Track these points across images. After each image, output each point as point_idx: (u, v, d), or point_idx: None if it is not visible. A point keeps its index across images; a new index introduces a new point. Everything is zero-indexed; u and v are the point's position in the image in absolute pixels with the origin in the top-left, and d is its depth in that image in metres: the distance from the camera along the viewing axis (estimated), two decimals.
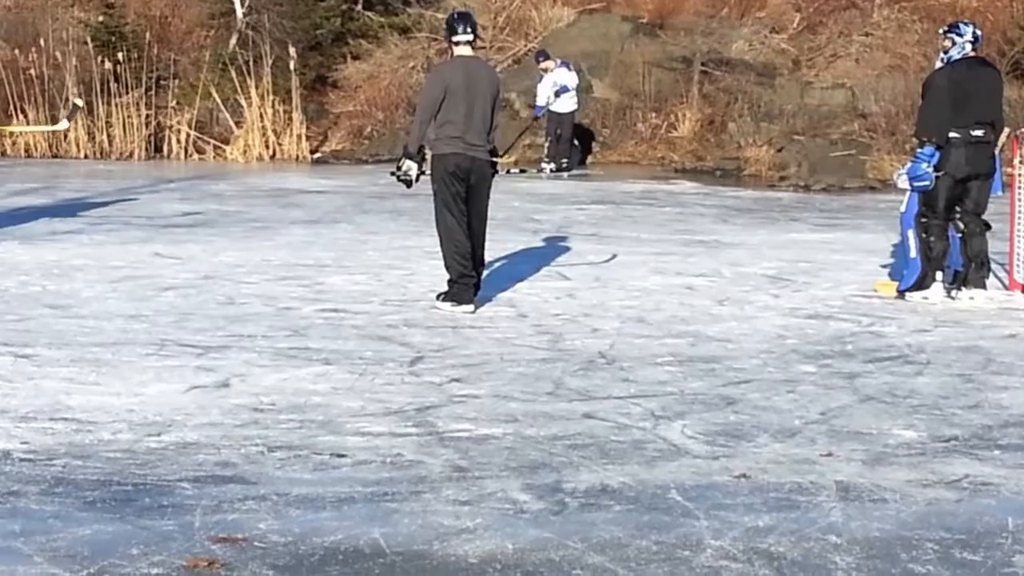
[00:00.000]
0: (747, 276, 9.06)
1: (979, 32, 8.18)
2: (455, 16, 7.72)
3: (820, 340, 6.90)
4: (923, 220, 7.97)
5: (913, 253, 8.03)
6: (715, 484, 4.38)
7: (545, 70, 17.00)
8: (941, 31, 8.32)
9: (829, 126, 18.00)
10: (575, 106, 17.07)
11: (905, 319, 7.52)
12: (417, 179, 7.64)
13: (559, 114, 16.85)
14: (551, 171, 16.67)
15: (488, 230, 7.82)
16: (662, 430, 5.05)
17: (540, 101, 17.03)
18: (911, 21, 19.36)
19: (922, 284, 8.01)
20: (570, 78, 16.89)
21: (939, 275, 8.00)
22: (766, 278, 8.98)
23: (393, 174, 7.75)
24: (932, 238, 7.95)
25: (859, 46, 19.38)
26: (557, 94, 16.70)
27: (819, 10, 19.98)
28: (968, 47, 7.99)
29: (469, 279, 7.52)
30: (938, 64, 8.20)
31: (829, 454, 4.75)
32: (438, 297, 7.63)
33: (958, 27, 8.12)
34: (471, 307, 7.49)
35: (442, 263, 7.62)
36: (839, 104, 18.49)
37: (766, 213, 13.35)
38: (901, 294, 8.06)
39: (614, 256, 9.71)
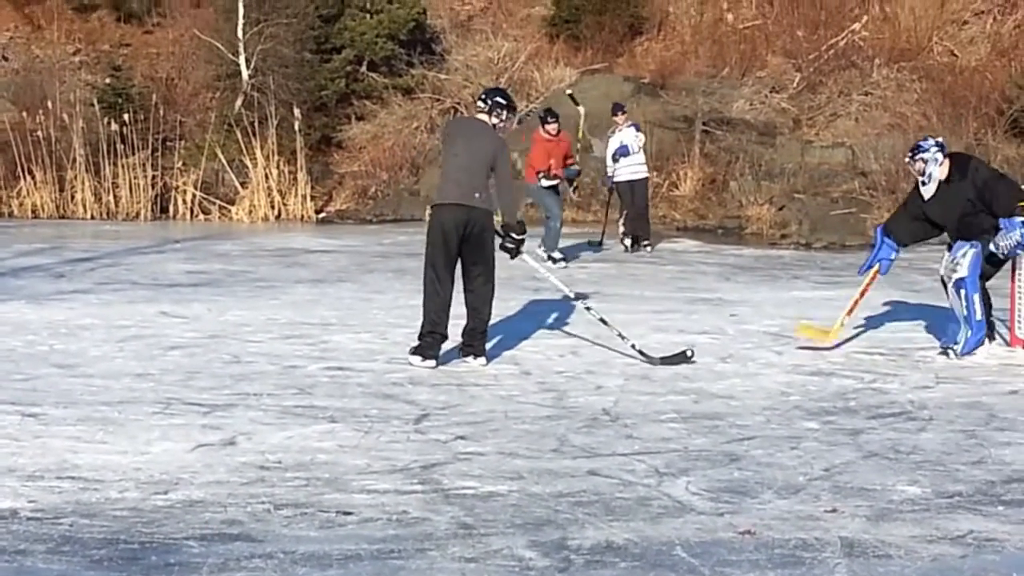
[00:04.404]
0: (750, 333, 9.10)
1: (941, 139, 8.30)
2: (487, 90, 8.19)
3: (823, 397, 6.93)
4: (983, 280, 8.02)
5: (979, 316, 7.95)
6: (720, 540, 4.39)
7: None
8: (907, 158, 8.32)
9: (829, 184, 18.13)
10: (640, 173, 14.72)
11: (907, 375, 7.55)
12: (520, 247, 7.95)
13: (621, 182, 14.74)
14: (627, 247, 14.81)
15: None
16: (666, 487, 5.07)
17: (609, 168, 14.85)
18: (910, 80, 19.59)
19: (981, 343, 8.04)
20: (632, 139, 14.59)
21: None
22: (769, 335, 9.02)
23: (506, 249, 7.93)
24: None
25: (859, 105, 19.57)
26: (615, 158, 14.55)
27: (819, 70, 20.21)
28: (940, 156, 8.06)
29: (437, 336, 7.62)
30: (924, 184, 8.11)
31: (833, 510, 4.76)
32: (410, 351, 7.70)
33: (920, 147, 8.14)
34: (433, 363, 7.61)
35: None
36: (839, 163, 18.64)
37: (768, 271, 13.41)
38: (966, 355, 7.96)
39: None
